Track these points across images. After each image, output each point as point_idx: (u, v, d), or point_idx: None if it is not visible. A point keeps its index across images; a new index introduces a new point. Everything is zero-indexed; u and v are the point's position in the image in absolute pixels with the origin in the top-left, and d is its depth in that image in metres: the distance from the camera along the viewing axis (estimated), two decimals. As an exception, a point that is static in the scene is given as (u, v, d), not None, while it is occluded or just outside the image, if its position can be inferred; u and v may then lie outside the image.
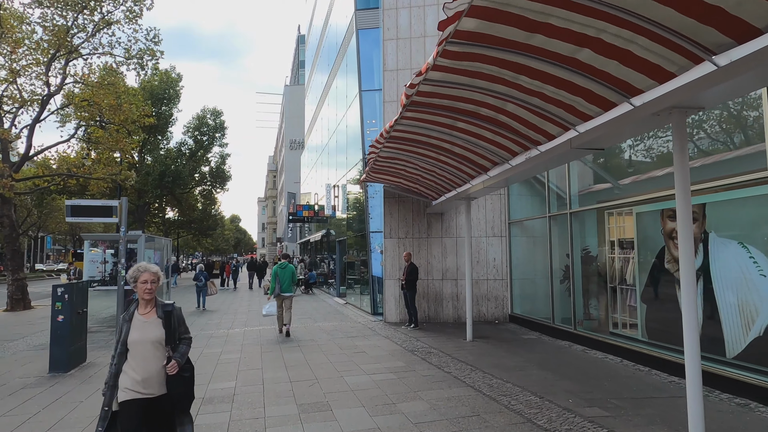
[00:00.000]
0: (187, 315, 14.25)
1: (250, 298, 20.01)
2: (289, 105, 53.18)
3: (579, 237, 9.07)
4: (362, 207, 15.63)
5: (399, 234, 12.25)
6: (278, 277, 11.07)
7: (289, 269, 11.24)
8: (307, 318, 13.43)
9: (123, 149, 20.28)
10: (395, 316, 12.04)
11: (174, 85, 35.31)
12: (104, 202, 10.28)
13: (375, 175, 10.79)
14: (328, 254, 22.77)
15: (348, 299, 17.23)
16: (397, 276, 12.09)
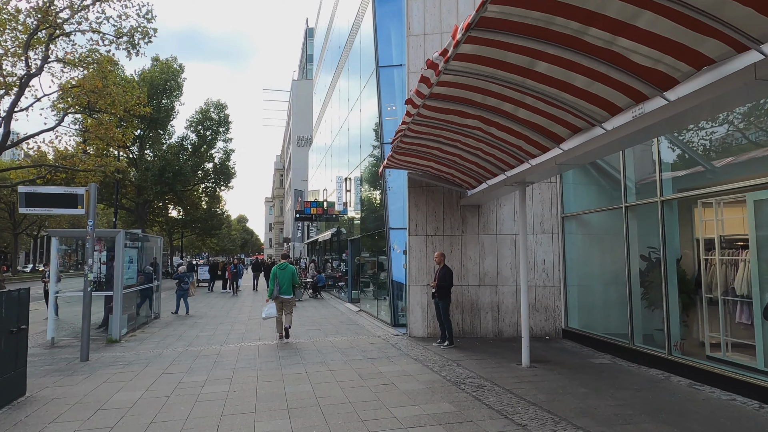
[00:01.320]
0: (174, 323, 12.30)
1: (252, 303, 18.02)
2: (296, 100, 51.31)
3: (672, 233, 6.94)
4: (380, 201, 13.59)
5: (426, 230, 10.18)
6: (277, 278, 10.29)
7: (289, 270, 10.44)
8: (316, 329, 11.40)
9: (113, 138, 18.37)
10: (422, 330, 9.98)
11: (175, 76, 33.55)
12: (68, 190, 8.34)
13: (399, 158, 8.75)
14: (339, 255, 20.74)
15: (362, 306, 15.18)
16: (424, 281, 10.04)
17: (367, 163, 15.27)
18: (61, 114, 18.68)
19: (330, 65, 24.51)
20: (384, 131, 12.94)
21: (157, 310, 14.14)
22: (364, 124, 15.68)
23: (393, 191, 12.42)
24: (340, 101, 20.47)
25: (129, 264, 11.11)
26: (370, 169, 14.97)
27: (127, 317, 11.43)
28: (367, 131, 15.44)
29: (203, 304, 18.07)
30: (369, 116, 15.16)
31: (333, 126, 22.59)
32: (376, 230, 13.75)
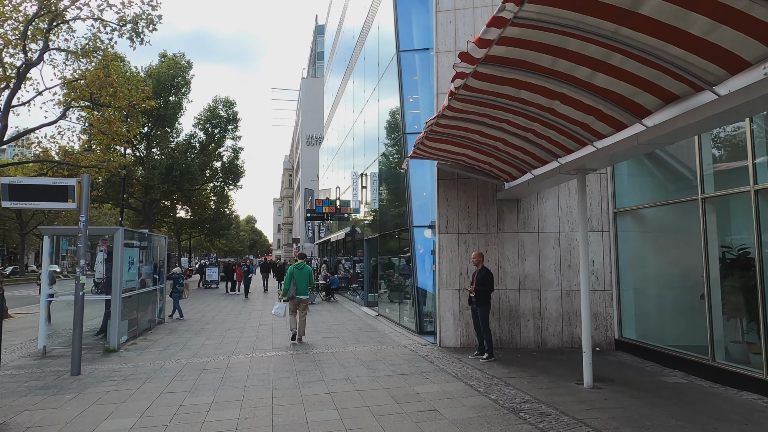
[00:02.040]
0: (179, 330, 11.31)
1: (263, 307, 17.02)
2: (306, 98, 50.42)
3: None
4: (402, 197, 12.52)
5: (459, 228, 9.09)
6: (294, 278, 10.10)
7: (306, 270, 10.24)
8: (334, 337, 10.35)
9: (118, 133, 17.46)
10: (454, 339, 8.89)
11: (183, 72, 32.72)
12: (57, 181, 7.36)
13: (430, 146, 7.67)
14: (353, 256, 19.69)
15: (380, 310, 14.11)
16: (457, 285, 8.95)
17: (386, 158, 14.21)
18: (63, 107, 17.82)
19: (343, 58, 23.50)
20: (406, 122, 11.88)
21: (161, 315, 13.17)
22: (382, 116, 14.63)
23: (417, 186, 11.35)
24: (355, 94, 19.44)
25: (129, 265, 10.13)
26: (390, 164, 13.92)
27: (128, 323, 10.47)
28: (386, 124, 14.38)
29: (211, 307, 17.10)
30: (387, 108, 14.10)
31: (346, 121, 21.56)
32: (397, 229, 12.68)
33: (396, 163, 13.24)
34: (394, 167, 13.24)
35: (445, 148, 7.87)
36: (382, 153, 14.69)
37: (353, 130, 19.52)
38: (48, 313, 11.12)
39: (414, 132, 11.69)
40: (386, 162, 14.44)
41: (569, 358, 7.83)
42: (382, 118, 14.57)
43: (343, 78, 22.67)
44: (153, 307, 12.53)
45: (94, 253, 13.69)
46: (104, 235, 9.96)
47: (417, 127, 11.73)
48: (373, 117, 15.92)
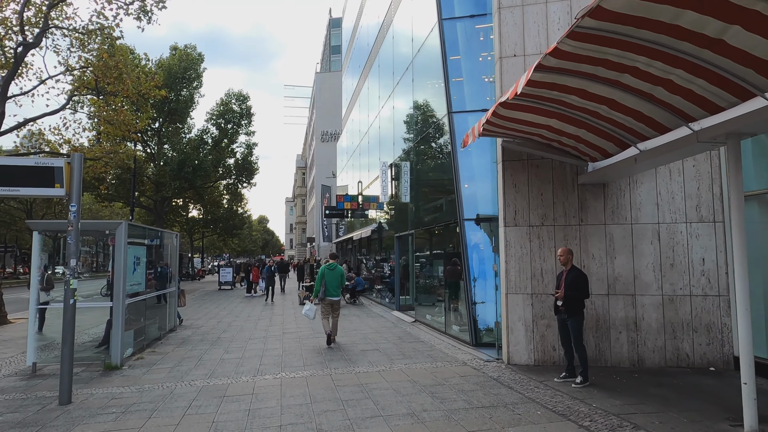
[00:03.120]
0: (192, 339, 9.79)
1: (283, 311, 15.52)
2: (320, 94, 48.99)
3: None
4: (443, 187, 10.91)
5: (530, 219, 7.46)
6: (325, 278, 9.65)
7: (338, 271, 9.85)
8: (374, 350, 8.76)
9: (125, 122, 16.07)
10: (526, 355, 7.26)
11: (195, 65, 31.42)
12: (41, 161, 5.90)
13: (506, 116, 6.06)
14: (378, 254, 18.10)
15: (418, 316, 12.49)
16: (528, 288, 7.32)
17: (423, 145, 12.60)
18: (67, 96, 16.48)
19: (366, 42, 21.91)
20: (451, 99, 10.27)
21: (173, 323, 11.70)
22: (418, 96, 13.02)
23: (469, 172, 9.74)
24: (381, 79, 17.86)
25: (135, 266, 8.65)
26: (429, 150, 12.31)
27: (133, 333, 9.00)
28: (422, 105, 12.78)
29: (227, 311, 15.64)
30: (425, 86, 12.49)
31: (371, 109, 19.98)
32: (439, 223, 11.06)
33: (435, 149, 11.64)
34: (434, 153, 11.64)
35: (522, 119, 6.24)
36: (417, 141, 13.08)
37: (379, 117, 17.92)
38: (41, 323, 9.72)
39: (462, 111, 10.08)
40: (422, 150, 12.83)
41: (686, 382, 6.16)
42: (419, 98, 12.96)
43: (366, 63, 21.07)
44: (163, 313, 11.07)
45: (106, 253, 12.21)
46: (105, 231, 8.47)
47: (467, 106, 10.12)
48: (405, 101, 14.32)
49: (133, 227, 8.69)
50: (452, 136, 9.94)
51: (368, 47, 20.91)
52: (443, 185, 11.15)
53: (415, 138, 13.40)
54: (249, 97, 34.50)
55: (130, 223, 8.33)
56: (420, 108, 12.94)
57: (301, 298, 17.70)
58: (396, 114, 15.48)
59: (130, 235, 8.79)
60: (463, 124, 10.01)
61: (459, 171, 9.72)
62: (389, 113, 16.29)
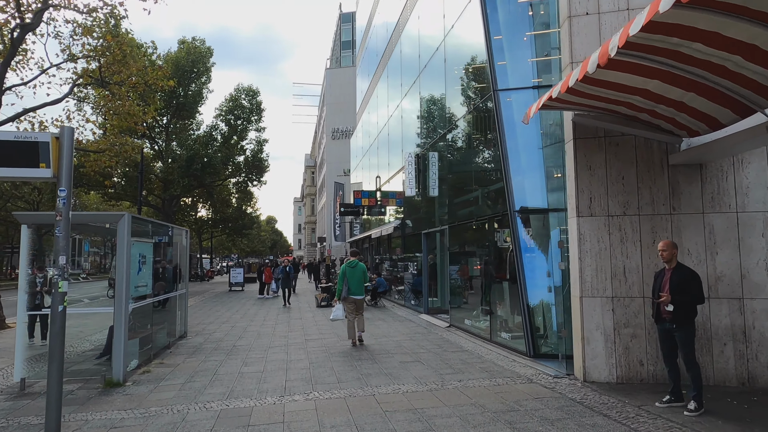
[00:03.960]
0: (205, 348, 8.62)
1: (301, 314, 14.37)
2: (330, 90, 47.90)
3: None
4: (490, 174, 9.71)
5: (609, 208, 6.24)
6: (347, 277, 9.31)
7: (360, 268, 9.45)
8: (415, 361, 7.56)
9: (130, 113, 15.02)
10: (607, 370, 6.03)
11: (204, 58, 30.42)
12: (21, 135, 4.74)
13: (593, 80, 4.80)
14: (402, 253, 16.90)
15: (453, 320, 11.27)
16: (609, 291, 6.11)
17: (459, 130, 11.40)
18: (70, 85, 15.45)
19: (384, 29, 20.73)
20: (495, 73, 9.06)
21: (183, 328, 10.58)
22: (451, 79, 11.82)
23: (514, 158, 8.52)
24: (404, 63, 16.67)
25: (140, 265, 7.52)
26: (464, 137, 11.11)
27: (139, 342, 7.88)
28: (456, 88, 11.58)
29: (240, 314, 14.51)
30: (459, 67, 11.30)
31: (391, 98, 18.80)
32: (481, 217, 9.85)
33: (475, 134, 10.44)
34: (473, 141, 10.43)
35: (613, 81, 4.99)
36: (449, 128, 11.88)
37: (401, 108, 16.73)
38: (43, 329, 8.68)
39: (509, 89, 8.87)
40: (456, 138, 11.63)
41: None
42: (452, 79, 11.76)
43: (386, 50, 19.88)
44: (173, 318, 9.95)
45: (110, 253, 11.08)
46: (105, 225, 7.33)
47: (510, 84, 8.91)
48: (433, 86, 13.13)
49: (138, 221, 7.56)
50: (498, 116, 8.72)
51: (387, 34, 19.74)
52: (484, 174, 9.94)
53: (446, 125, 12.19)
54: (259, 92, 33.47)
55: (135, 217, 7.20)
56: (453, 92, 11.74)
57: (318, 300, 16.56)
58: (422, 102, 14.28)
59: (135, 230, 7.67)
60: (511, 103, 8.80)
61: (508, 156, 8.50)
62: (414, 102, 15.10)
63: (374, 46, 23.54)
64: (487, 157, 9.74)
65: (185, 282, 10.76)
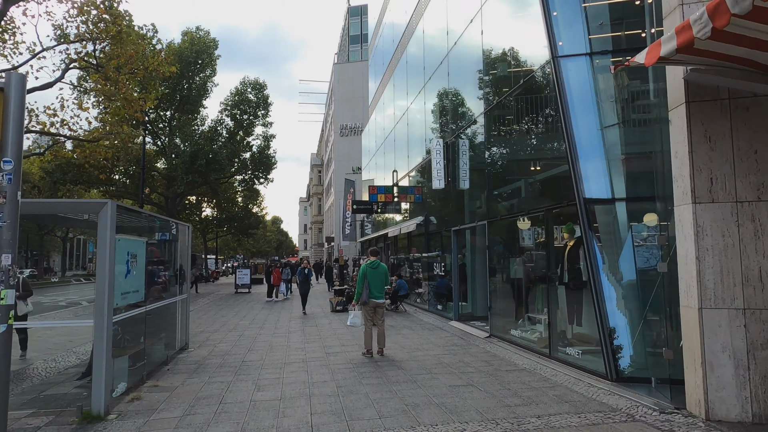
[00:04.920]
0: (208, 365, 7.20)
1: (316, 321, 12.94)
2: (338, 85, 46.52)
3: None
4: (545, 159, 8.24)
5: (738, 191, 4.76)
6: (367, 279, 8.15)
7: (382, 269, 8.33)
8: (467, 384, 6.09)
9: (128, 98, 13.67)
10: (738, 406, 4.56)
11: (208, 50, 29.08)
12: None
13: (743, 15, 3.31)
14: (425, 253, 15.44)
15: (495, 329, 9.79)
16: (740, 301, 4.63)
17: (502, 109, 9.92)
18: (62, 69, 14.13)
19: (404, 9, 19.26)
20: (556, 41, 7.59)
21: (185, 338, 9.17)
22: (490, 49, 10.35)
23: (584, 136, 7.05)
24: (427, 45, 15.23)
25: (130, 267, 6.10)
26: (507, 117, 9.64)
27: (130, 359, 6.49)
28: (496, 62, 10.12)
29: (248, 320, 13.09)
30: (503, 32, 9.84)
31: (411, 86, 17.35)
32: (537, 209, 8.36)
33: (525, 112, 8.96)
34: (523, 121, 8.96)
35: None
36: (489, 109, 10.42)
37: (425, 91, 15.27)
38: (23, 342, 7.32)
39: (572, 54, 7.41)
40: (498, 119, 10.17)
41: None
42: (490, 57, 10.30)
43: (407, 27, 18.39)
44: (172, 328, 8.54)
45: None
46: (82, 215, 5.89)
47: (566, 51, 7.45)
48: (468, 61, 11.67)
49: (127, 212, 6.13)
50: (560, 88, 7.26)
51: (407, 15, 18.28)
52: (536, 161, 8.47)
53: (480, 108, 10.73)
54: (266, 85, 32.07)
55: (122, 206, 5.79)
56: (491, 68, 10.28)
57: (333, 304, 15.13)
58: (450, 84, 12.82)
59: (124, 224, 6.27)
60: (573, 71, 7.34)
61: (574, 134, 7.03)
62: (441, 83, 13.64)
63: (390, 32, 22.10)
64: (541, 140, 8.26)
65: (187, 285, 9.34)
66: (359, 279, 8.32)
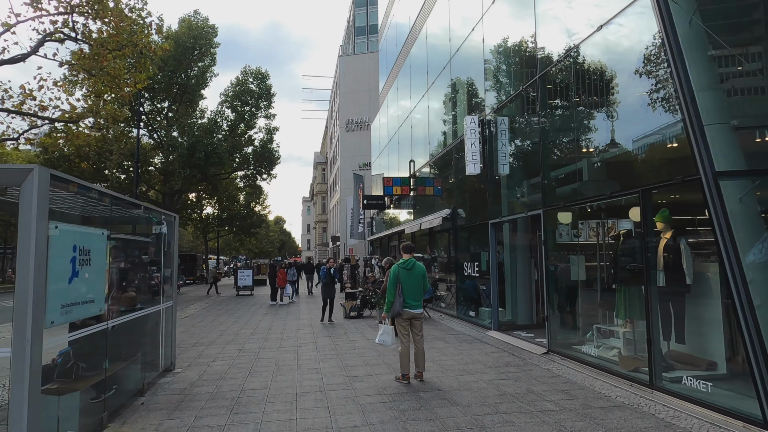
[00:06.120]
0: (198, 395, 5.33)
1: (330, 330, 11.10)
2: (344, 79, 44.66)
3: None
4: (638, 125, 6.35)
5: None
6: (401, 283, 6.29)
7: (419, 270, 6.46)
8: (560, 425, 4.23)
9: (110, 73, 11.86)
10: None
11: (208, 36, 27.28)
12: None
13: None
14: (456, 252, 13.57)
15: (554, 343, 7.88)
16: None
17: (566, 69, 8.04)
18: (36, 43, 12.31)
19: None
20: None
21: (170, 356, 7.32)
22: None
23: (710, 96, 5.16)
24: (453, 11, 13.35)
25: (77, 267, 4.23)
26: (578, 74, 7.74)
27: (84, 395, 4.67)
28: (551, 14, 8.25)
29: (250, 329, 11.23)
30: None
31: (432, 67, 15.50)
32: (620, 193, 6.46)
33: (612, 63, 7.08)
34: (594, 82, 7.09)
35: None
36: (544, 72, 8.54)
37: (450, 66, 13.39)
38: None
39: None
40: (561, 79, 8.28)
41: None
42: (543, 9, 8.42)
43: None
44: (153, 344, 6.71)
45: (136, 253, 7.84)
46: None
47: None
48: (512, 20, 9.79)
49: (64, 185, 4.21)
50: (665, 22, 5.37)
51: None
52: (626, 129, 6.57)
53: (540, 67, 8.85)
54: (268, 75, 30.25)
55: (60, 177, 3.94)
56: (547, 22, 8.40)
57: (347, 310, 13.28)
58: (489, 46, 10.94)
59: (69, 207, 4.45)
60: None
61: (690, 80, 5.14)
62: (473, 52, 11.77)
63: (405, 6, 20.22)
64: (632, 103, 6.37)
65: (173, 289, 7.49)
66: (389, 283, 6.46)
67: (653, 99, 5.79)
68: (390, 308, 6.41)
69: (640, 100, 6.04)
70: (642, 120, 5.98)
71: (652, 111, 5.78)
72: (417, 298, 6.44)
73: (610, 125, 6.63)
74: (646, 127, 5.92)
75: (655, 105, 5.77)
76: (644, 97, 5.93)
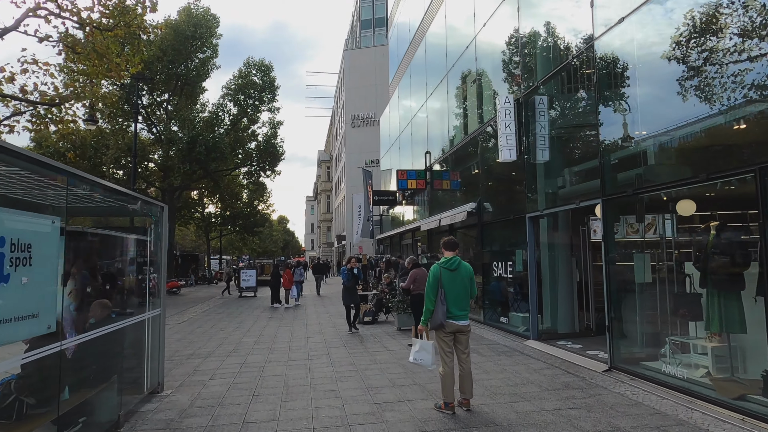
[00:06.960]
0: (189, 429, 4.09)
1: (343, 338, 9.83)
2: (349, 73, 43.41)
3: None
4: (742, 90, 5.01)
5: None
6: (443, 287, 5.04)
7: (465, 271, 5.19)
8: None
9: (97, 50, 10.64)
10: None
11: (209, 25, 26.07)
12: None
13: None
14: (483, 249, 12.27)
15: (618, 359, 6.57)
16: None
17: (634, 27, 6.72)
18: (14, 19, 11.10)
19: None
20: None
21: (158, 374, 6.05)
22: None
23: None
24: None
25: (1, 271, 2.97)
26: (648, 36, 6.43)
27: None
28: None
29: (254, 336, 9.97)
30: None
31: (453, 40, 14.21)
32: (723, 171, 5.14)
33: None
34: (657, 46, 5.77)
35: None
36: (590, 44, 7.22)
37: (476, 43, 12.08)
38: None
39: None
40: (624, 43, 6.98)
41: None
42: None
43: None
44: (137, 360, 5.45)
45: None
46: None
47: None
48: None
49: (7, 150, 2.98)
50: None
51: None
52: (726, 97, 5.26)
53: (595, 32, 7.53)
54: (272, 67, 29.01)
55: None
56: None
57: (361, 314, 11.99)
58: (525, 16, 9.64)
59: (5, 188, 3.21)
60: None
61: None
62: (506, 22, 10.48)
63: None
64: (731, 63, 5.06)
65: (161, 294, 6.23)
66: (429, 287, 5.16)
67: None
68: (428, 318, 5.15)
69: (749, 48, 4.73)
70: (755, 79, 4.66)
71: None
72: (463, 306, 5.16)
73: (702, 92, 5.31)
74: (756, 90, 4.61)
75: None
76: (760, 43, 4.62)
